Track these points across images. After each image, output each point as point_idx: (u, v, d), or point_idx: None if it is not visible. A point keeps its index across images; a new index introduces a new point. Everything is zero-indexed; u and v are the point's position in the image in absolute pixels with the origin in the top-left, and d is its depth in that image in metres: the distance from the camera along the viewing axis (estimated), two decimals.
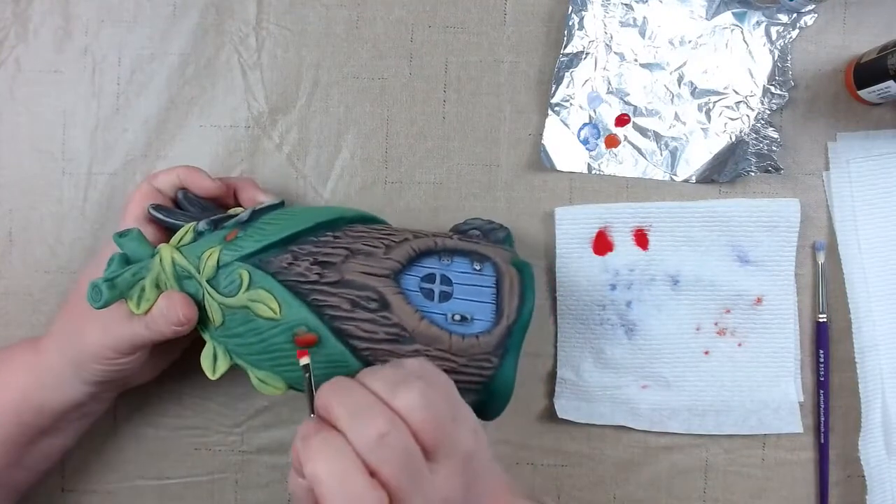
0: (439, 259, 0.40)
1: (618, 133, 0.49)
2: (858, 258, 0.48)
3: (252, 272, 0.38)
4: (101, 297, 0.37)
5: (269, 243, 0.38)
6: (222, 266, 0.38)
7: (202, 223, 0.41)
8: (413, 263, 0.39)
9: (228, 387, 0.50)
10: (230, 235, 0.40)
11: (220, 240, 0.39)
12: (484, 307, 0.39)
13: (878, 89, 0.46)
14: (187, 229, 0.41)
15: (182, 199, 0.44)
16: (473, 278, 0.40)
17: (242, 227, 0.40)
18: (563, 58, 0.49)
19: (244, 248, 0.38)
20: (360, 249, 0.39)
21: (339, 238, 0.39)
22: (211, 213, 0.43)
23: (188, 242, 0.41)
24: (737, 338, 0.48)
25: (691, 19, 0.49)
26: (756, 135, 0.48)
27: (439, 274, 0.39)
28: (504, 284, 0.39)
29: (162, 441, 0.50)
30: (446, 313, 0.39)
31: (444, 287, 0.39)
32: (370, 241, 0.39)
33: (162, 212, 0.42)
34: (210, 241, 0.40)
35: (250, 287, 0.37)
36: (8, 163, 0.50)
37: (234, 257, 0.38)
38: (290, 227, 0.39)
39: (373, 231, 0.40)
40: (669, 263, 0.49)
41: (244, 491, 0.50)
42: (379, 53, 0.50)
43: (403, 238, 0.40)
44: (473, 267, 0.40)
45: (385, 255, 0.39)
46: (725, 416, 0.48)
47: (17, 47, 0.50)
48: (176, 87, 0.50)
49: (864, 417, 0.47)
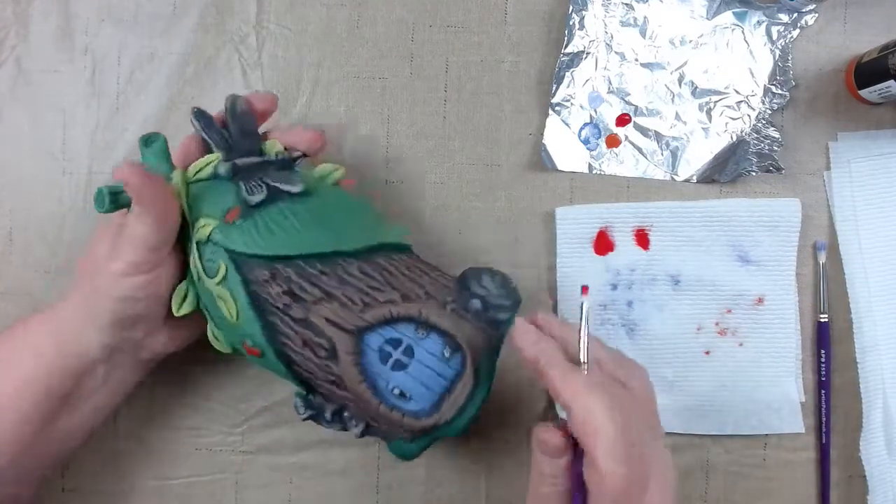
0: (416, 329, 0.37)
1: (619, 133, 0.49)
2: (859, 258, 0.48)
3: (229, 270, 0.37)
4: (104, 204, 0.39)
5: (255, 253, 0.37)
6: (210, 242, 0.38)
7: (223, 166, 0.40)
8: (387, 324, 0.37)
9: (229, 387, 0.50)
10: (231, 214, 0.38)
11: (222, 209, 0.39)
12: (427, 394, 0.37)
13: (878, 89, 0.46)
14: (209, 160, 0.40)
15: (229, 109, 0.41)
16: (436, 363, 0.37)
17: (247, 211, 0.38)
18: (564, 57, 0.49)
19: (233, 242, 0.38)
20: (336, 297, 0.37)
21: (326, 276, 0.37)
22: (246, 145, 0.41)
23: (204, 178, 0.40)
24: (738, 338, 0.48)
25: (692, 19, 0.49)
26: (757, 134, 0.48)
27: (406, 343, 0.37)
28: (458, 385, 0.37)
29: (162, 441, 0.50)
30: (389, 382, 0.37)
31: (404, 357, 0.37)
32: (352, 293, 0.37)
33: (202, 120, 0.41)
34: (218, 195, 0.39)
35: (222, 282, 0.37)
36: (8, 163, 0.50)
37: (222, 244, 0.38)
38: (285, 248, 0.37)
39: (367, 278, 0.38)
40: (670, 263, 0.48)
41: (244, 491, 0.50)
42: (379, 53, 0.50)
43: (388, 300, 0.37)
44: (443, 352, 0.37)
45: (359, 313, 0.37)
46: (726, 416, 0.48)
47: (18, 47, 0.50)
48: (176, 87, 0.50)
49: (865, 417, 0.47)
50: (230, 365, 0.49)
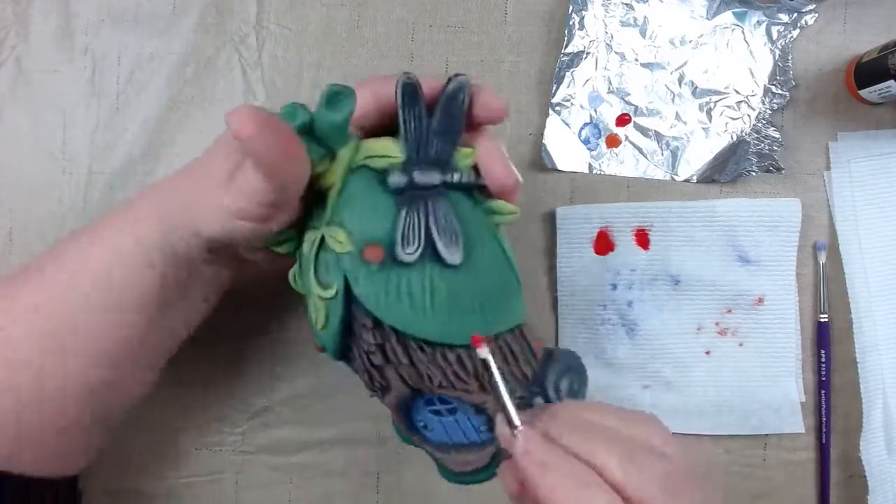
0: (472, 406, 0.35)
1: (619, 133, 0.49)
2: (859, 258, 0.48)
3: (338, 295, 0.33)
4: (295, 118, 0.32)
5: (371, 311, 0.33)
6: (336, 261, 0.33)
7: (398, 176, 0.33)
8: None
9: (229, 387, 0.50)
10: (371, 252, 0.33)
11: (365, 234, 0.33)
12: (444, 437, 0.37)
13: (878, 89, 0.46)
14: (388, 154, 0.34)
15: (449, 92, 0.33)
16: (469, 427, 0.36)
17: (389, 259, 0.33)
18: (564, 57, 0.49)
19: (357, 285, 0.33)
20: (419, 370, 0.34)
21: (423, 352, 0.34)
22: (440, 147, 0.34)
23: (378, 168, 0.34)
24: (738, 338, 0.48)
25: (692, 19, 0.49)
26: (757, 134, 0.48)
27: (454, 405, 0.36)
28: (476, 450, 0.36)
29: (162, 441, 0.50)
30: (420, 417, 0.37)
31: (445, 412, 0.36)
32: (434, 373, 0.34)
33: (408, 92, 0.33)
34: (369, 208, 0.33)
35: (325, 297, 0.34)
36: (8, 163, 0.50)
37: (345, 276, 0.33)
38: (403, 324, 0.33)
39: (459, 368, 0.34)
40: (670, 263, 0.49)
41: (244, 491, 0.50)
42: (380, 53, 0.50)
43: (464, 389, 0.34)
44: (482, 426, 0.36)
45: (430, 384, 0.34)
46: (726, 416, 0.48)
47: (18, 47, 0.50)
48: (176, 87, 0.50)
49: (865, 417, 0.47)
50: (230, 365, 0.49)
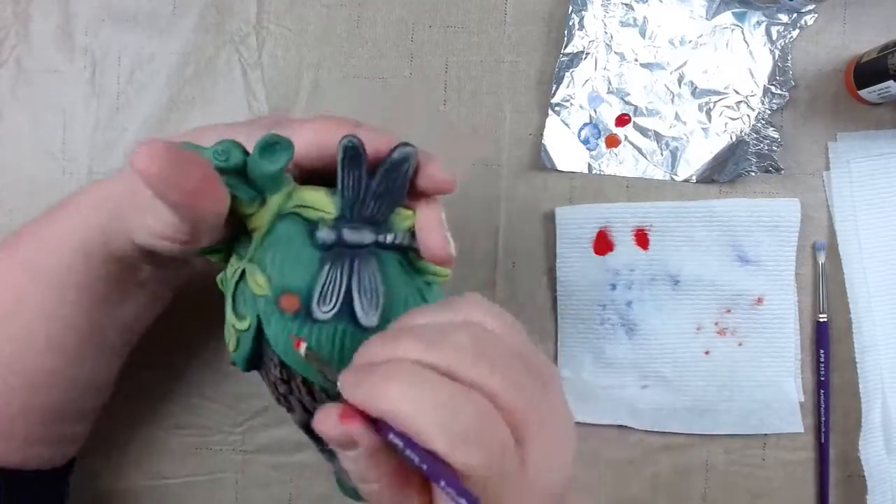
0: None
1: (618, 133, 0.49)
2: (859, 258, 0.48)
3: (250, 329, 0.32)
4: (228, 159, 0.30)
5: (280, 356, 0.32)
6: (253, 301, 0.32)
7: (326, 231, 0.32)
8: None
9: (229, 387, 0.50)
10: (287, 302, 0.31)
11: (284, 283, 0.31)
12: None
13: (878, 89, 0.46)
14: (321, 207, 0.32)
15: (394, 160, 0.32)
16: None
17: (304, 312, 0.31)
18: (564, 58, 0.49)
19: (269, 329, 0.31)
20: (319, 400, 0.33)
21: (325, 392, 0.33)
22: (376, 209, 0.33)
23: (301, 218, 0.32)
24: (737, 338, 0.49)
25: (691, 19, 0.49)
26: (756, 135, 0.48)
27: None
28: None
29: (162, 441, 0.50)
30: None
31: None
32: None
33: (351, 154, 0.31)
34: (291, 257, 0.31)
35: (238, 328, 0.33)
36: (8, 163, 0.50)
37: (259, 316, 0.32)
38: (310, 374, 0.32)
39: None
40: (670, 263, 0.49)
41: (244, 491, 0.50)
42: (379, 53, 0.50)
43: None
44: None
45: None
46: (726, 415, 0.48)
47: (18, 47, 0.50)
48: (176, 87, 0.50)
49: (864, 417, 0.47)
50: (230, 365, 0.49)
